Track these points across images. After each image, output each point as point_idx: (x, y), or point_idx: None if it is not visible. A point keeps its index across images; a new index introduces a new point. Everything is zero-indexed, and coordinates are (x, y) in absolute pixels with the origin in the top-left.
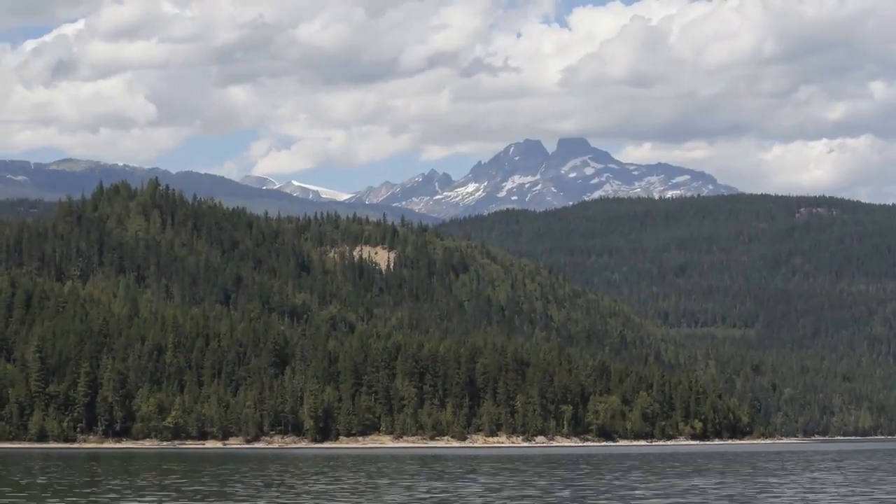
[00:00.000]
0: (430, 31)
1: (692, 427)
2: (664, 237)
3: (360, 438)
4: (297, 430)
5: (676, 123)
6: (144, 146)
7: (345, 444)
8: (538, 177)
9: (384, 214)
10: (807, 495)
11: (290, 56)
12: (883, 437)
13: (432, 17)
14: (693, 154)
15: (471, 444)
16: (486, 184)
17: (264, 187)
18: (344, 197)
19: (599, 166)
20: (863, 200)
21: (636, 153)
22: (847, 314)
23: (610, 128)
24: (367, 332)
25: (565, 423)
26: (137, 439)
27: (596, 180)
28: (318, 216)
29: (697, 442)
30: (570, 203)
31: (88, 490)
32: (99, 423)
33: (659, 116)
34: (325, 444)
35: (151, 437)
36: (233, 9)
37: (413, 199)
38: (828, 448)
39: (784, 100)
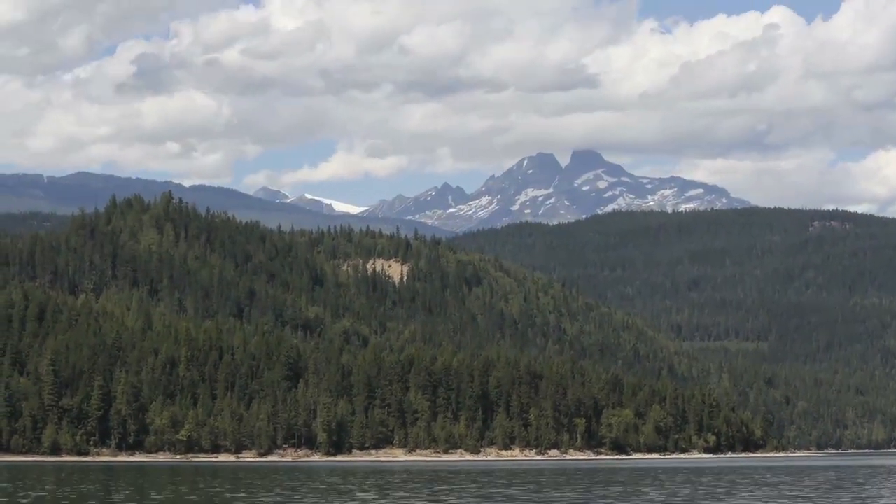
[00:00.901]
0: (539, 43)
1: (705, 440)
2: (677, 251)
3: (374, 452)
4: (311, 444)
5: (752, 135)
6: (219, 158)
7: (358, 458)
8: (551, 190)
9: (397, 228)
10: None
11: (385, 68)
12: None
13: (551, 31)
14: (765, 164)
15: (484, 458)
16: (499, 197)
17: (277, 200)
18: (357, 210)
19: (613, 180)
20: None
21: (704, 165)
22: (860, 327)
23: (674, 141)
24: (381, 345)
25: (578, 436)
26: (150, 452)
27: (609, 193)
28: (332, 229)
29: (711, 455)
30: (584, 216)
31: None
32: (112, 437)
33: (735, 129)
34: (339, 458)
35: (164, 451)
36: (343, 20)
37: (426, 212)
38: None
39: (875, 109)
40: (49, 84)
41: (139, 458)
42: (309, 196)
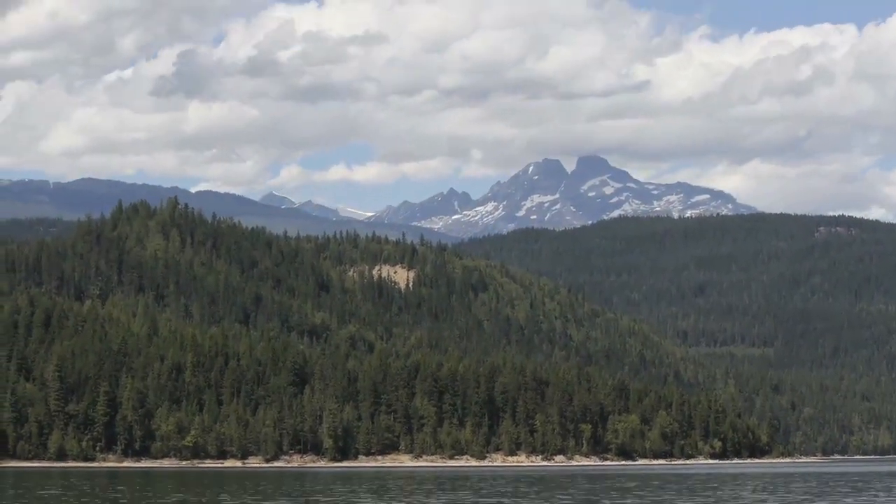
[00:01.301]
0: (593, 50)
1: (711, 446)
2: (683, 256)
3: (380, 457)
4: (317, 450)
5: (790, 141)
6: (251, 164)
7: (364, 464)
8: (557, 196)
9: (403, 233)
10: None
11: (433, 73)
12: None
13: (606, 38)
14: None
15: (490, 464)
16: (505, 203)
17: (283, 206)
18: (363, 216)
19: (619, 185)
20: None
21: (737, 170)
22: (866, 333)
23: (708, 147)
24: (387, 351)
25: (585, 442)
26: (156, 458)
27: (615, 199)
28: (338, 235)
29: (716, 461)
30: (590, 222)
31: None
32: (118, 442)
33: (770, 135)
34: (345, 464)
35: (170, 457)
36: (402, 24)
37: (432, 217)
38: None
39: None
40: (89, 87)
41: (145, 463)
42: (315, 202)
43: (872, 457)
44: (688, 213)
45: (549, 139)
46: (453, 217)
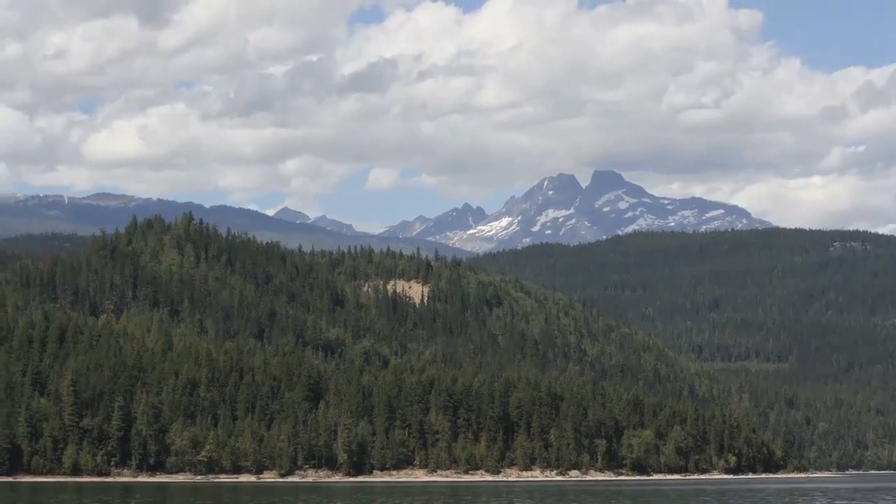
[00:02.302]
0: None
1: (726, 461)
2: (698, 271)
3: (394, 472)
4: (331, 464)
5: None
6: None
7: (379, 479)
8: (572, 211)
9: (418, 248)
10: None
11: (528, 91)
12: None
13: (728, 64)
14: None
15: (505, 479)
16: (519, 218)
17: (297, 221)
18: (377, 231)
19: (633, 200)
20: None
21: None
22: (881, 348)
23: (777, 162)
24: (401, 366)
25: (599, 457)
26: (171, 473)
27: (630, 214)
28: (352, 250)
29: (731, 476)
30: (604, 237)
31: None
32: (133, 457)
33: (861, 151)
34: (360, 479)
35: (185, 471)
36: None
37: (447, 233)
38: None
39: None
40: (186, 96)
41: (159, 478)
42: (330, 217)
43: (887, 472)
44: (702, 228)
45: (615, 149)
46: (468, 232)
